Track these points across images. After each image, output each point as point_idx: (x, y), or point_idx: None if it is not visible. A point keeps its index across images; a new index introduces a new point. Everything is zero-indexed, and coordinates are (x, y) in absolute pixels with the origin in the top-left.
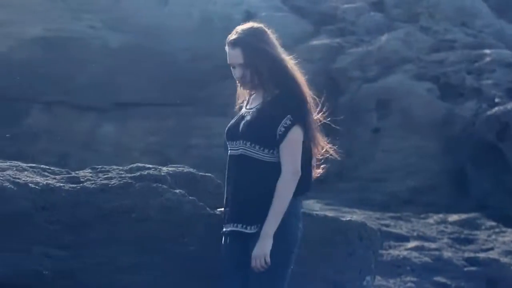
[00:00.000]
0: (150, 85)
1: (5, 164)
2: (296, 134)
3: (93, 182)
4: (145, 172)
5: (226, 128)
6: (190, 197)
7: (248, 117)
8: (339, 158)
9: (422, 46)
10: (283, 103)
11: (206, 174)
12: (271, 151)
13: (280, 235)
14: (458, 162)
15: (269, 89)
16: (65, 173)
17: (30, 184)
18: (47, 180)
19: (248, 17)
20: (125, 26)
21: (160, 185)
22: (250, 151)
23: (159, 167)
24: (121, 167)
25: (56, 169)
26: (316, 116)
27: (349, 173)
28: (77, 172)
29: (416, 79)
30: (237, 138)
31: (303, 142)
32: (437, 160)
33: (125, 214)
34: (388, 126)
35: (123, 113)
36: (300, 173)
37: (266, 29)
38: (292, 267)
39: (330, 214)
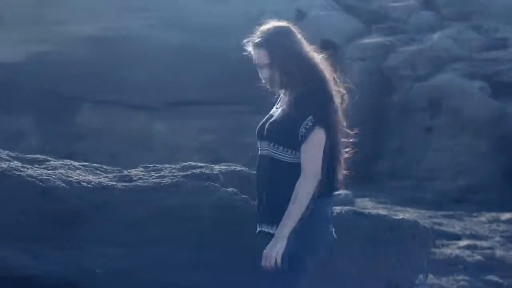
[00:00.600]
0: (205, 84)
1: (57, 162)
2: (317, 136)
3: (145, 180)
4: (197, 171)
5: (257, 129)
6: (243, 196)
7: (273, 117)
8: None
9: (473, 45)
10: (306, 103)
11: None
12: (294, 152)
13: (302, 237)
14: (511, 161)
15: (297, 88)
16: (117, 171)
17: (82, 183)
18: (99, 178)
19: (299, 16)
20: (183, 25)
21: (212, 183)
22: (275, 152)
23: (211, 165)
24: (173, 166)
25: (108, 167)
26: (340, 114)
27: (401, 172)
28: (129, 170)
29: (468, 77)
30: (263, 138)
31: (327, 144)
32: (489, 159)
33: (178, 213)
34: (439, 125)
35: (177, 111)
36: (320, 176)
37: (291, 27)
38: (312, 270)
39: (382, 212)
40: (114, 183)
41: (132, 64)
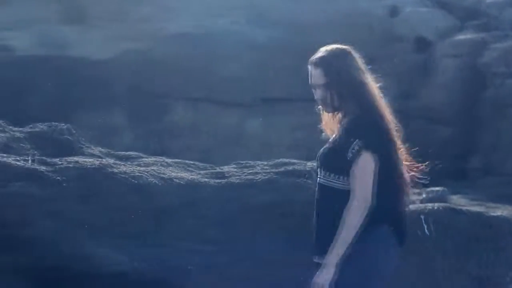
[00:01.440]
0: (295, 81)
1: (150, 159)
2: (364, 160)
3: (238, 177)
4: (290, 168)
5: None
6: None
7: (327, 144)
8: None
9: None
10: (354, 128)
11: None
12: (345, 178)
13: (354, 265)
14: None
15: (349, 113)
16: (209, 168)
17: (175, 180)
18: (192, 175)
19: (393, 12)
20: (268, 22)
21: (305, 180)
22: (327, 180)
23: (304, 162)
24: (265, 162)
25: (200, 164)
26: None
27: (494, 168)
28: (221, 167)
29: None
30: (319, 166)
31: (382, 168)
32: None
33: (271, 209)
34: None
35: (268, 108)
36: (370, 202)
37: (351, 51)
38: None
39: (477, 209)
40: (206, 179)
41: (221, 61)
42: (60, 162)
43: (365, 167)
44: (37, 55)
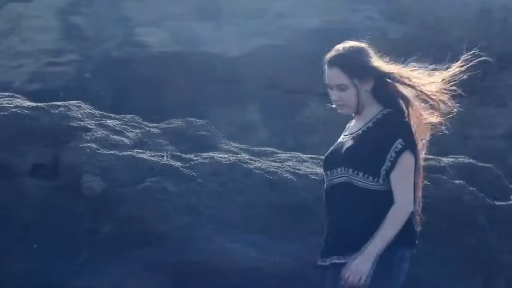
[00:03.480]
0: None
1: (285, 155)
2: (408, 160)
3: None
4: (425, 163)
5: (324, 158)
6: (470, 188)
7: (349, 143)
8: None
9: None
10: (392, 125)
11: (486, 164)
12: (376, 179)
13: (381, 271)
14: None
15: (373, 110)
16: None
17: (310, 176)
18: None
19: None
20: (404, 17)
21: (440, 175)
22: (353, 179)
23: (439, 157)
24: None
25: None
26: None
27: None
28: None
29: None
30: (337, 165)
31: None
32: None
33: None
34: None
35: None
36: (412, 205)
37: (367, 47)
38: None
39: None
40: None
41: None
42: (195, 158)
43: (408, 168)
44: (172, 52)
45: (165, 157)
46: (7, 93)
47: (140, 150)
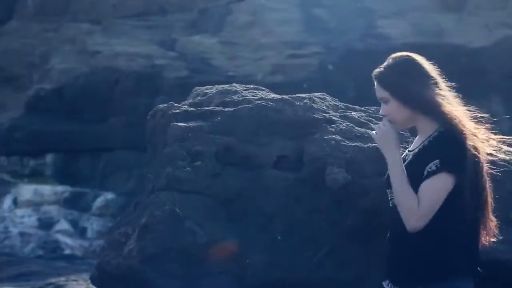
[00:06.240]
0: None
1: None
2: (439, 181)
3: None
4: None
5: (385, 176)
6: None
7: (408, 161)
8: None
9: None
10: (436, 147)
11: None
12: None
13: None
14: None
15: (432, 125)
16: None
17: None
18: None
19: None
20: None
21: None
22: None
23: None
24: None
25: None
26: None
27: None
28: None
29: None
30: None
31: (461, 194)
32: None
33: None
34: None
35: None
36: (427, 220)
37: (416, 60)
38: None
39: None
40: None
41: None
42: None
43: (437, 188)
44: (413, 43)
45: None
46: (251, 86)
47: None
